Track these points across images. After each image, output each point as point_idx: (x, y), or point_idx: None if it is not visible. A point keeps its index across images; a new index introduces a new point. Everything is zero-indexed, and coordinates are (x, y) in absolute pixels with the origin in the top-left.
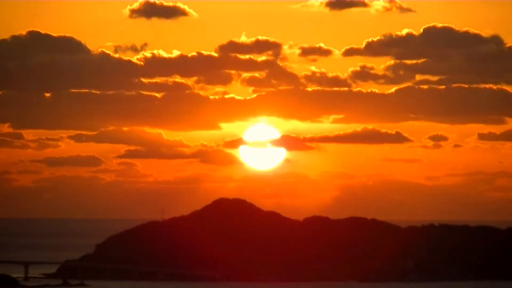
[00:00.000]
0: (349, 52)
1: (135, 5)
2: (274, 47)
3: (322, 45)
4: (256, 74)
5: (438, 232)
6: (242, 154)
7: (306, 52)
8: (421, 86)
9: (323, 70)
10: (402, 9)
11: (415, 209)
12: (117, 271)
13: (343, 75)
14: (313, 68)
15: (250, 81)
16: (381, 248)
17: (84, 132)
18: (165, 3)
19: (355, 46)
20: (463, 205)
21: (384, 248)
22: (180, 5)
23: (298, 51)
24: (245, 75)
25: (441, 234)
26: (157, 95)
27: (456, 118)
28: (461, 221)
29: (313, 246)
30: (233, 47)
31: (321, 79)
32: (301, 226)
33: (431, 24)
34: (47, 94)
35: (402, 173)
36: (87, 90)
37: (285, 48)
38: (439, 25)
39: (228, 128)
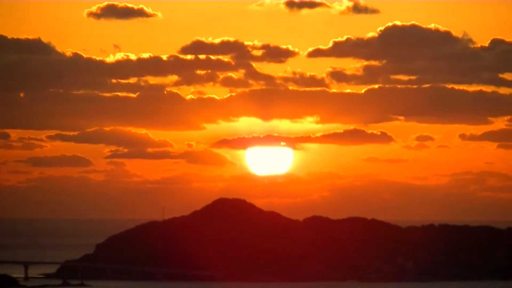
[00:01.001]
0: (316, 53)
1: (94, 8)
2: (239, 47)
3: (290, 46)
4: (231, 75)
5: (438, 232)
6: (229, 154)
7: (273, 52)
8: (397, 86)
9: (298, 70)
10: (367, 9)
11: (407, 209)
12: (117, 271)
13: (318, 75)
14: (285, 69)
15: (226, 82)
16: (381, 248)
17: (66, 133)
18: (129, 5)
19: (322, 47)
20: (455, 205)
21: (384, 248)
22: (143, 6)
23: (263, 51)
24: (220, 75)
25: (441, 234)
26: (133, 95)
27: (437, 118)
28: (455, 221)
29: (313, 246)
30: (199, 47)
31: (297, 79)
32: (301, 226)
33: (398, 23)
34: (22, 94)
35: (390, 173)
36: (62, 91)
37: (250, 48)
38: (407, 23)
39: (212, 128)
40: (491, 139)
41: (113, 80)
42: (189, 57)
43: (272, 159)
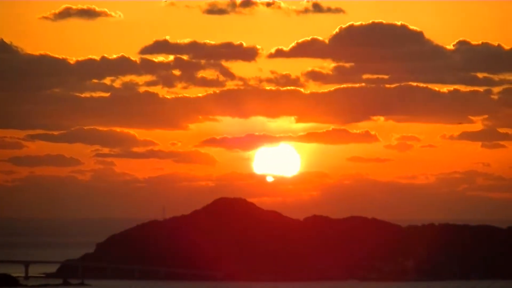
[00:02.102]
0: (277, 54)
1: (57, 9)
2: (200, 47)
3: (257, 45)
4: (206, 75)
5: (438, 231)
6: (215, 153)
7: (242, 52)
8: (371, 86)
9: (268, 69)
10: (330, 9)
11: (399, 208)
12: (117, 270)
13: (292, 75)
14: (253, 68)
15: (200, 81)
16: (381, 247)
17: (49, 132)
18: (91, 6)
19: (284, 48)
20: (446, 204)
21: (384, 247)
22: (97, 7)
23: (231, 51)
24: (196, 75)
25: (441, 233)
26: (106, 95)
27: (416, 117)
28: (448, 219)
29: (313, 246)
30: (162, 47)
31: (271, 79)
32: (301, 226)
33: (367, 22)
34: None
35: (378, 173)
36: (33, 91)
37: (217, 48)
38: (377, 21)
39: (195, 128)
40: (474, 138)
41: (86, 81)
42: (160, 57)
43: (260, 158)
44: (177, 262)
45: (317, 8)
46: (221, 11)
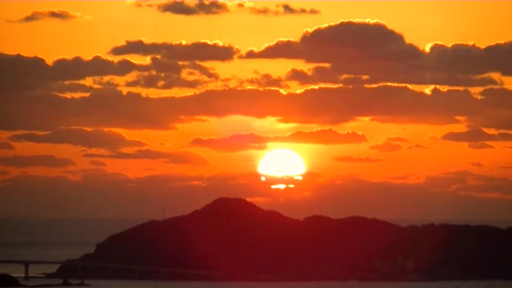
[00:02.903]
0: (253, 55)
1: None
2: (174, 47)
3: (237, 46)
4: (185, 75)
5: (438, 232)
6: (206, 153)
7: (214, 52)
8: (349, 86)
9: (252, 69)
10: (304, 11)
11: (394, 209)
12: (117, 270)
13: (273, 75)
14: (235, 68)
15: (182, 82)
16: (381, 247)
17: (35, 133)
18: (55, 10)
19: (256, 50)
20: (438, 204)
21: (384, 247)
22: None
23: (210, 52)
24: (176, 75)
25: (441, 234)
26: (86, 95)
27: (400, 117)
28: (441, 220)
29: (313, 246)
30: (136, 48)
31: (254, 79)
32: (301, 226)
33: (338, 22)
34: None
35: (368, 173)
36: (23, 92)
37: (186, 48)
38: (351, 20)
39: (182, 128)
40: (460, 138)
41: (65, 81)
42: (136, 58)
43: (251, 158)
44: (177, 262)
45: (288, 9)
46: (188, 11)
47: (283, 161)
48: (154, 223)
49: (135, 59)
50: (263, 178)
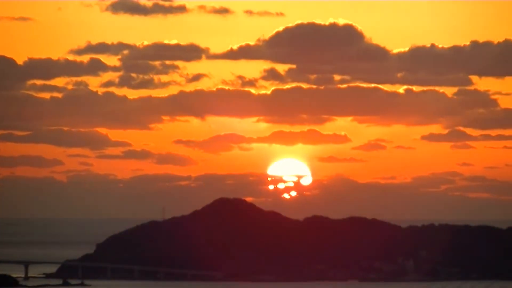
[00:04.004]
0: (223, 55)
1: None
2: (133, 48)
3: (203, 46)
4: (158, 75)
5: (438, 232)
6: (191, 154)
7: (184, 53)
8: (327, 86)
9: (223, 70)
10: (268, 13)
11: (386, 209)
12: (117, 270)
13: (247, 76)
14: (208, 68)
15: (157, 82)
16: (381, 247)
17: (14, 133)
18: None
19: (222, 50)
20: (428, 204)
21: (384, 247)
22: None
23: (185, 53)
24: (147, 75)
25: (441, 234)
26: (59, 95)
27: (381, 118)
28: (434, 220)
29: (313, 246)
30: (100, 49)
31: (228, 80)
32: (301, 226)
33: (302, 22)
34: None
35: (356, 173)
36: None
37: (171, 49)
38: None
39: (165, 128)
40: (441, 139)
41: (36, 81)
42: (106, 58)
43: (235, 159)
44: (177, 262)
45: (249, 11)
46: (145, 11)
47: (270, 161)
48: (154, 223)
49: (104, 59)
50: (251, 178)
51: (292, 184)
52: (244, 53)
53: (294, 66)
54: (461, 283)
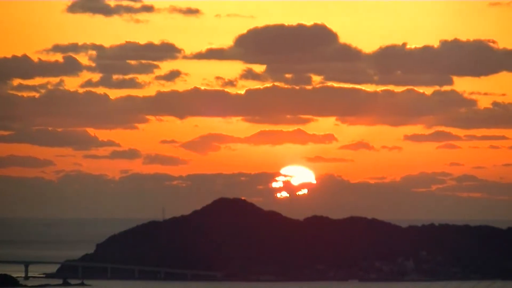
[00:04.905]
0: (197, 56)
1: None
2: (100, 48)
3: (178, 46)
4: (137, 75)
5: (438, 232)
6: (180, 153)
7: (160, 53)
8: (305, 87)
9: (197, 71)
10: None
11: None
12: (117, 270)
13: (225, 77)
14: (185, 68)
15: (136, 82)
16: (381, 247)
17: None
18: None
19: (196, 51)
20: (423, 205)
21: (384, 247)
22: None
23: (161, 53)
24: (127, 76)
25: (441, 234)
26: (36, 94)
27: (362, 118)
28: (426, 220)
29: (313, 246)
30: (73, 49)
31: (207, 81)
32: (301, 226)
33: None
34: None
35: (345, 173)
36: None
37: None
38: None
39: (149, 128)
40: (425, 139)
41: (13, 80)
42: (83, 58)
43: (223, 158)
44: (177, 262)
45: (225, 12)
46: (110, 11)
47: (259, 161)
48: (154, 223)
49: (80, 59)
50: (243, 177)
51: (282, 184)
52: (219, 53)
53: (269, 66)
54: (461, 283)
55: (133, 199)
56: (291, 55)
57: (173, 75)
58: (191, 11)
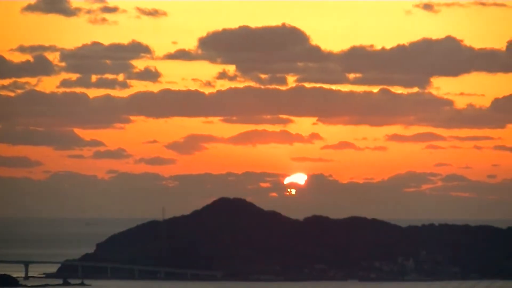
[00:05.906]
0: (168, 56)
1: None
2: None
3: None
4: (109, 75)
5: (438, 232)
6: (168, 154)
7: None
8: (280, 88)
9: (171, 71)
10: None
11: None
12: (117, 270)
13: (203, 79)
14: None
15: (115, 82)
16: (381, 247)
17: None
18: None
19: (168, 52)
20: (416, 204)
21: (384, 247)
22: None
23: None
24: (102, 76)
25: (441, 234)
26: (11, 94)
27: (342, 118)
28: (420, 220)
29: (313, 246)
30: (46, 49)
31: (184, 81)
32: (301, 226)
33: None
34: None
35: (333, 173)
36: None
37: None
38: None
39: (133, 128)
40: (407, 140)
41: None
42: (54, 58)
43: (213, 158)
44: (177, 262)
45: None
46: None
47: (246, 161)
48: (154, 223)
49: (52, 59)
50: (232, 177)
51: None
52: (190, 54)
53: (240, 66)
54: (461, 283)
55: (128, 199)
56: (262, 55)
57: (148, 75)
58: (158, 12)
